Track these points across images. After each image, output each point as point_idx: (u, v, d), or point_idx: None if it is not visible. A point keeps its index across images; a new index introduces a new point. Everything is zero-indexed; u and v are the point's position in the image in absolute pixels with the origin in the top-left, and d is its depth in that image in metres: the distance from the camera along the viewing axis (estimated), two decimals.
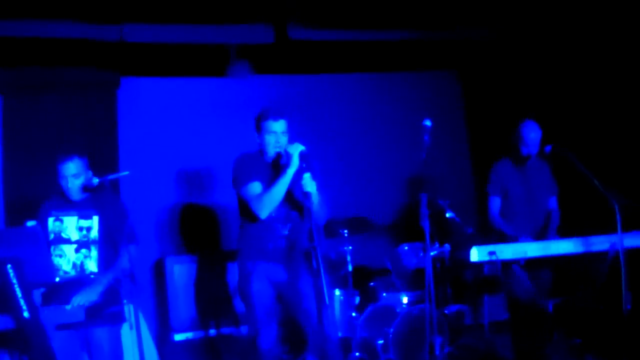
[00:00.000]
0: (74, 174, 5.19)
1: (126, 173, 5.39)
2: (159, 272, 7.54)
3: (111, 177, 5.32)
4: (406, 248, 7.34)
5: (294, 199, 5.16)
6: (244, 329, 6.98)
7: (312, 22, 7.74)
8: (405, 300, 7.04)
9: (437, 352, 5.55)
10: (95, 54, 7.36)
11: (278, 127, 5.14)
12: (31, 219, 5.21)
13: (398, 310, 6.80)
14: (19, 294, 4.33)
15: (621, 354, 5.41)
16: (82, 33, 7.15)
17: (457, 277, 7.82)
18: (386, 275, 7.51)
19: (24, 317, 4.35)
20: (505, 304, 7.51)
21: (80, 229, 5.20)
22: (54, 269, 5.05)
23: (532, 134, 6.02)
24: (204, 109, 8.18)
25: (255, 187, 5.11)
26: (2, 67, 7.29)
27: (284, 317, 5.36)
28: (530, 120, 6.09)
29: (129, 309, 5.27)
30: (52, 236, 5.18)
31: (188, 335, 7.06)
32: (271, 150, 5.19)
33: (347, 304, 6.92)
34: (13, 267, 4.32)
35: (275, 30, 7.71)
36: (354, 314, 6.87)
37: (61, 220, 5.21)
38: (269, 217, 5.06)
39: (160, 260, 7.52)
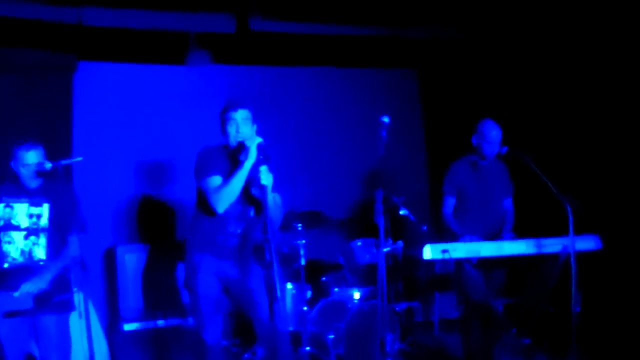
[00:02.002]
0: (29, 163, 5.10)
1: (80, 159, 5.33)
2: (110, 261, 7.47)
3: (64, 162, 5.25)
4: (359, 244, 7.34)
5: (250, 194, 5.12)
6: (190, 321, 6.93)
7: (274, 14, 7.72)
8: (357, 295, 7.05)
9: (388, 349, 5.58)
10: (52, 37, 7.24)
11: (238, 115, 5.10)
12: None
13: (349, 305, 6.79)
14: None
15: (570, 355, 5.47)
16: (40, 14, 7.05)
17: (409, 274, 7.86)
18: (339, 270, 7.50)
19: None
20: (456, 302, 7.59)
21: (31, 215, 5.12)
22: (2, 256, 4.97)
23: (493, 132, 6.05)
24: (162, 96, 8.12)
25: (216, 180, 5.05)
26: None
27: (234, 310, 5.33)
28: (490, 120, 6.12)
29: (78, 298, 5.21)
30: (1, 222, 5.09)
31: (137, 325, 7.00)
32: (232, 141, 5.13)
33: (298, 298, 6.91)
34: None
35: (237, 21, 7.68)
36: (305, 308, 6.86)
37: (11, 207, 5.12)
38: (224, 213, 5.02)
39: (111, 249, 7.44)
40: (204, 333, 5.12)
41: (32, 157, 5.11)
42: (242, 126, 5.11)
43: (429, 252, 5.60)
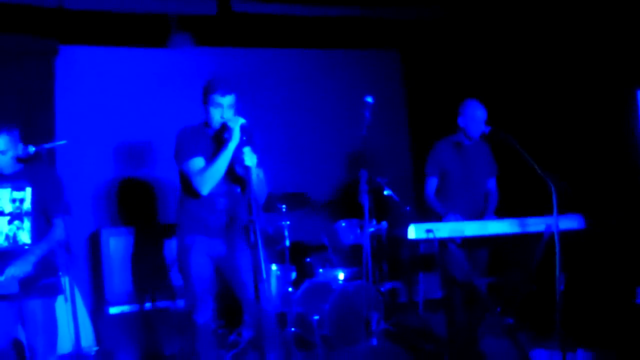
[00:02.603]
0: (1, 150, 5.05)
1: (63, 142, 5.32)
2: (95, 244, 7.45)
3: (47, 146, 5.26)
4: (343, 224, 7.36)
5: (235, 173, 5.12)
6: (179, 303, 6.94)
7: None
8: (341, 276, 7.08)
9: (374, 329, 5.60)
10: (33, 21, 7.20)
11: (225, 101, 5.08)
12: None
13: (334, 286, 6.82)
14: None
15: (554, 334, 5.51)
16: None
17: (393, 254, 7.88)
18: (323, 251, 7.53)
19: None
20: (440, 282, 7.62)
21: (14, 200, 5.08)
22: None
23: (478, 111, 6.06)
24: (144, 79, 8.10)
25: (198, 162, 5.05)
26: None
27: (220, 291, 5.34)
28: (474, 100, 6.13)
29: (64, 281, 5.19)
30: None
31: (123, 308, 7.00)
32: (215, 123, 5.13)
33: (283, 279, 6.93)
34: None
35: (218, 2, 7.65)
36: (290, 289, 6.89)
37: None
38: (210, 192, 5.02)
39: (96, 232, 7.42)
40: (195, 314, 5.12)
41: (3, 143, 5.01)
42: (227, 111, 5.10)
43: (413, 232, 5.58)
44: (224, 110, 5.09)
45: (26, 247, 5.00)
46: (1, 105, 7.08)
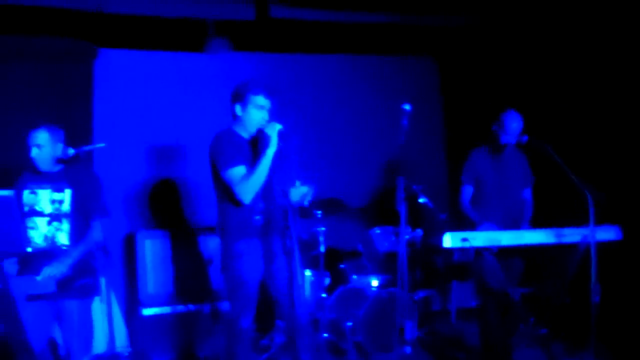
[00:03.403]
0: (42, 144, 5.12)
1: (102, 145, 5.35)
2: (130, 246, 7.50)
3: (87, 148, 5.33)
4: (378, 231, 7.37)
5: (270, 178, 5.10)
6: (216, 306, 6.98)
7: (293, 1, 7.70)
8: (375, 283, 7.07)
9: (408, 337, 5.58)
10: (73, 24, 7.26)
11: (269, 103, 5.07)
12: (1, 188, 5.15)
13: (368, 293, 6.82)
14: None
15: (588, 346, 5.46)
16: (60, 2, 7.07)
17: (427, 262, 7.85)
18: (357, 257, 7.52)
19: None
20: (473, 291, 7.58)
21: (53, 201, 5.14)
22: (26, 240, 4.99)
23: (514, 123, 6.01)
24: (180, 83, 8.13)
25: (240, 170, 5.00)
26: None
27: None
28: (513, 110, 6.09)
29: (101, 282, 5.23)
30: (26, 209, 5.12)
31: (156, 310, 7.03)
32: (254, 127, 5.11)
33: (317, 284, 6.94)
34: None
35: (256, 8, 7.67)
36: (323, 295, 6.88)
37: (35, 193, 5.15)
38: None
39: (131, 235, 7.47)
40: (240, 318, 5.09)
41: (37, 138, 5.13)
42: (263, 113, 5.08)
43: (448, 240, 5.56)
44: (259, 112, 5.07)
45: (64, 248, 5.05)
46: (41, 106, 7.15)
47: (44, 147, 5.13)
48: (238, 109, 5.13)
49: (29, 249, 5.00)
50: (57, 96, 7.35)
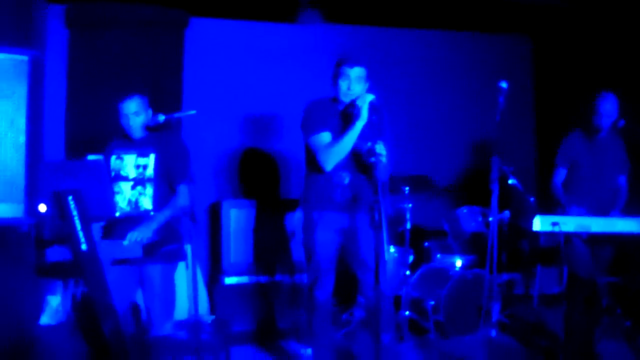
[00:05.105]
0: (134, 112, 5.19)
1: (193, 112, 5.35)
2: (215, 215, 7.55)
3: (177, 115, 5.38)
4: (465, 211, 7.27)
5: (358, 151, 5.05)
6: (296, 278, 7.00)
7: None
8: (459, 263, 7.03)
9: (494, 319, 5.49)
10: None
11: (353, 72, 5.01)
12: (91, 153, 5.23)
13: (451, 273, 6.76)
14: (79, 226, 4.33)
15: None
16: None
17: (513, 245, 7.72)
18: (442, 236, 7.46)
19: (81, 250, 4.34)
20: (557, 277, 7.44)
21: (138, 166, 5.19)
22: (114, 204, 5.04)
23: (607, 105, 5.84)
24: (271, 54, 8.13)
25: (325, 137, 5.01)
26: (69, 3, 7.30)
27: (338, 268, 5.29)
28: (609, 92, 5.90)
29: (187, 249, 5.26)
30: (113, 174, 5.18)
31: (239, 279, 7.08)
32: (343, 97, 5.07)
33: (401, 261, 6.88)
34: (74, 199, 4.31)
35: None
36: (407, 273, 6.83)
37: (121, 159, 5.21)
38: (335, 167, 4.98)
39: (216, 203, 7.51)
40: (317, 290, 5.11)
41: (130, 107, 5.19)
42: (355, 84, 5.03)
43: (538, 223, 5.44)
44: (351, 81, 5.02)
45: (151, 213, 5.09)
46: (132, 73, 7.24)
47: (135, 114, 5.19)
48: (334, 80, 5.12)
49: (117, 214, 5.05)
50: (148, 63, 7.43)
